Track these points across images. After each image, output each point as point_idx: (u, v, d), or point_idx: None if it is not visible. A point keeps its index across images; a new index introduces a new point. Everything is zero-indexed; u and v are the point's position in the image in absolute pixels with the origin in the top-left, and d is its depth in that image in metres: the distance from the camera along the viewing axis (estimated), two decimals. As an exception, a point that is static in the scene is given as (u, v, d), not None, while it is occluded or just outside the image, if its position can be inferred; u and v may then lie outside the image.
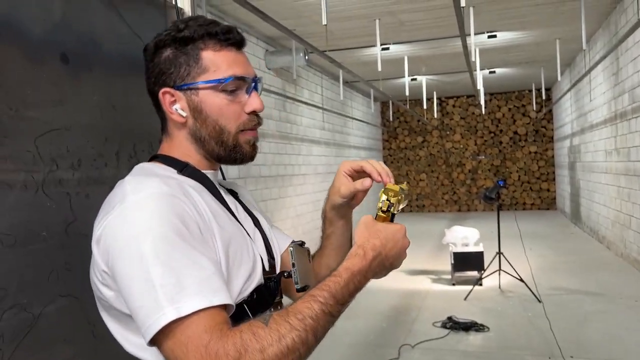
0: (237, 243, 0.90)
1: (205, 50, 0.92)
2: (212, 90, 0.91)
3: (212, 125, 0.92)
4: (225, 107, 0.92)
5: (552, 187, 13.14)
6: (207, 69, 0.91)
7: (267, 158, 6.98)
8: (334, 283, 0.81)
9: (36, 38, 1.10)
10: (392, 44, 7.47)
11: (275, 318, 0.75)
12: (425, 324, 4.38)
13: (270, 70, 7.17)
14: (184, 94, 0.92)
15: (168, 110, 0.94)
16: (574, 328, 4.13)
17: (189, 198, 0.85)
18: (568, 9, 6.23)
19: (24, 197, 1.05)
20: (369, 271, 0.85)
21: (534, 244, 7.72)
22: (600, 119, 7.70)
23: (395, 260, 0.90)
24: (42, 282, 1.08)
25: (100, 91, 1.26)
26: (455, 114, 13.77)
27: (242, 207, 1.04)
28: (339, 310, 0.81)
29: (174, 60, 0.92)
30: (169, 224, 0.78)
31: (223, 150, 0.94)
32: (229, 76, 0.91)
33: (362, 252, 0.86)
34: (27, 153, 1.06)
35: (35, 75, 1.10)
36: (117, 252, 0.78)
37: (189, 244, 0.78)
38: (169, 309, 0.72)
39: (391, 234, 0.89)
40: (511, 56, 8.78)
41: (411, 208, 14.01)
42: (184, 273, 0.75)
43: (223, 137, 0.93)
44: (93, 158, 1.22)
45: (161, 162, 0.96)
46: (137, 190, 0.82)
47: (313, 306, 0.77)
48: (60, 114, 1.14)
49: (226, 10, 5.59)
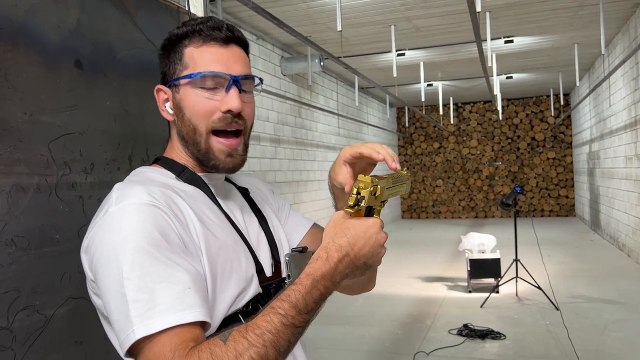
0: (227, 253, 0.87)
1: (188, 46, 0.91)
2: (190, 87, 0.89)
3: (187, 124, 0.90)
4: (199, 104, 0.89)
5: (571, 194, 12.96)
6: (187, 65, 0.90)
7: (282, 164, 7.00)
8: (295, 292, 0.76)
9: (51, 44, 1.12)
10: (408, 49, 7.46)
11: (234, 335, 0.73)
12: (440, 331, 4.33)
13: (286, 77, 7.21)
14: (171, 91, 0.92)
15: (160, 107, 0.94)
16: (592, 337, 4.05)
17: (172, 208, 0.82)
18: (586, 14, 6.16)
19: (38, 201, 1.06)
20: (335, 274, 0.79)
21: (552, 251, 7.62)
22: (620, 124, 7.58)
23: (369, 259, 0.82)
24: (54, 285, 1.09)
25: (114, 96, 1.28)
26: (472, 120, 13.68)
27: (251, 206, 1.01)
28: (304, 320, 0.76)
29: (166, 59, 0.93)
30: (146, 235, 0.76)
31: (198, 153, 0.91)
32: (202, 71, 0.88)
33: (325, 254, 0.79)
34: (40, 157, 1.07)
35: (50, 81, 1.12)
36: (99, 263, 0.78)
37: (167, 257, 0.76)
38: (139, 326, 0.72)
39: (362, 231, 0.81)
40: (529, 61, 8.71)
41: (427, 214, 13.94)
42: (157, 288, 0.74)
43: (196, 138, 0.90)
44: (106, 162, 1.23)
45: (162, 165, 0.95)
46: (120, 199, 0.80)
47: (272, 319, 0.74)
48: (74, 118, 1.16)
49: (242, 17, 5.64)
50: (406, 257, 7.78)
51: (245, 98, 0.92)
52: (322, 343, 1.25)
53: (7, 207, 1.01)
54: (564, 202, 13.06)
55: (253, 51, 6.26)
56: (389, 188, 0.89)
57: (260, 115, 6.45)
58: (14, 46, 1.04)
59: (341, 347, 4.06)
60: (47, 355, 1.06)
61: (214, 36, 0.90)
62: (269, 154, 6.66)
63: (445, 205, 13.87)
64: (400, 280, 6.22)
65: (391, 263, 6.29)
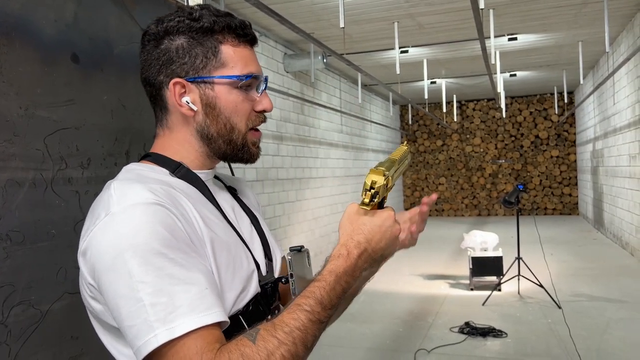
0: (230, 252, 0.86)
1: (224, 44, 0.88)
2: (229, 87, 0.88)
3: (223, 123, 0.89)
4: (240, 104, 0.89)
5: (575, 192, 12.92)
6: (225, 64, 0.88)
7: (285, 161, 7.00)
8: (319, 289, 0.77)
9: (48, 38, 1.12)
10: (411, 47, 7.44)
11: (262, 334, 0.72)
12: (442, 329, 4.33)
13: (289, 74, 7.19)
14: (196, 86, 0.88)
15: (177, 102, 0.88)
16: (594, 336, 4.04)
17: (176, 206, 0.80)
18: (590, 11, 6.13)
19: (33, 195, 1.06)
20: (356, 270, 0.81)
21: (555, 250, 7.60)
22: (624, 122, 7.54)
23: (385, 251, 0.85)
24: (50, 280, 1.09)
25: (111, 91, 1.27)
26: (476, 118, 13.64)
27: (241, 206, 1.00)
28: (328, 315, 0.78)
29: (189, 50, 0.87)
30: (156, 236, 0.73)
31: (231, 149, 0.91)
32: (248, 74, 0.89)
33: (346, 251, 0.81)
34: (36, 151, 1.07)
35: (46, 75, 1.11)
36: (104, 267, 0.74)
37: (179, 257, 0.74)
38: (161, 330, 0.70)
39: (377, 225, 0.83)
40: (532, 59, 8.67)
41: (430, 212, 13.87)
42: (175, 290, 0.72)
43: (233, 136, 0.90)
44: (103, 157, 1.23)
45: (154, 161, 0.91)
46: (122, 199, 0.77)
47: (300, 316, 0.74)
48: (71, 113, 1.15)
49: (244, 13, 5.63)
50: (408, 254, 7.73)
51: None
52: (323, 340, 1.24)
53: (2, 202, 1.00)
54: (567, 201, 13.02)
55: (256, 48, 6.24)
56: (396, 171, 0.92)
57: (262, 112, 6.44)
58: (10, 40, 1.04)
59: (343, 344, 4.06)
60: (43, 350, 1.06)
61: (247, 36, 0.91)
62: (272, 151, 6.66)
63: (448, 203, 13.84)
64: (403, 277, 6.22)
65: (393, 260, 6.23)
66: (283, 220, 6.78)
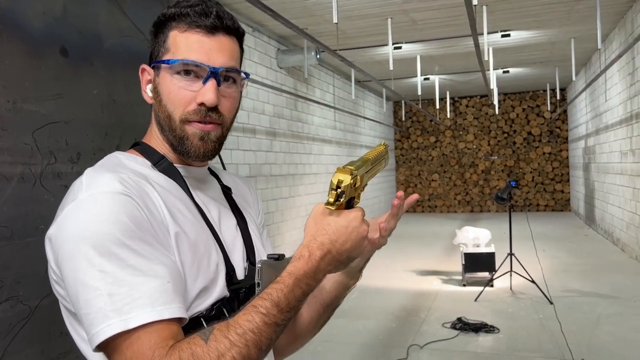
0: (197, 252, 0.83)
1: (173, 29, 0.86)
2: (168, 72, 0.85)
3: (164, 109, 0.87)
4: (175, 92, 0.85)
5: (567, 189, 12.99)
6: (169, 49, 0.86)
7: (278, 157, 6.99)
8: (277, 291, 0.75)
9: (36, 31, 1.10)
10: (405, 43, 7.43)
11: (215, 334, 0.71)
12: (434, 324, 4.34)
13: (282, 69, 7.17)
14: (154, 73, 0.88)
15: (142, 88, 0.90)
16: (585, 331, 4.07)
17: (143, 197, 0.79)
18: (583, 8, 6.15)
19: (22, 190, 1.05)
20: (318, 272, 0.78)
21: (547, 246, 7.64)
22: (615, 119, 7.59)
23: (352, 253, 0.82)
24: (39, 275, 1.07)
25: (101, 85, 1.26)
26: (469, 114, 13.67)
27: (231, 206, 0.97)
28: (285, 318, 0.76)
29: (154, 38, 0.89)
30: (119, 226, 0.73)
31: (174, 140, 0.87)
32: (180, 59, 0.84)
33: (307, 253, 0.78)
34: (24, 146, 1.06)
35: (35, 69, 1.10)
36: (66, 254, 0.73)
37: (142, 249, 0.73)
38: (115, 320, 0.69)
39: (343, 226, 0.80)
40: (525, 56, 8.69)
41: (423, 208, 13.95)
42: (135, 282, 0.71)
43: (172, 124, 0.86)
44: (93, 152, 1.22)
45: (139, 151, 0.90)
46: (89, 187, 0.76)
47: (254, 318, 0.73)
48: (60, 107, 1.14)
49: (238, 8, 5.60)
50: (401, 250, 7.79)
51: (226, 92, 0.88)
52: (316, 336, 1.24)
53: (-10, 197, 0.99)
54: (559, 197, 13.09)
55: (249, 43, 6.23)
56: (368, 172, 0.87)
57: (255, 108, 6.42)
58: (-2, 33, 1.03)
59: (335, 340, 4.06)
60: (31, 346, 1.05)
61: (200, 23, 0.85)
62: (265, 147, 6.64)
63: (441, 199, 13.88)
64: (395, 273, 6.23)
65: (386, 257, 6.28)
66: (276, 217, 6.78)
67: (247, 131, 6.20)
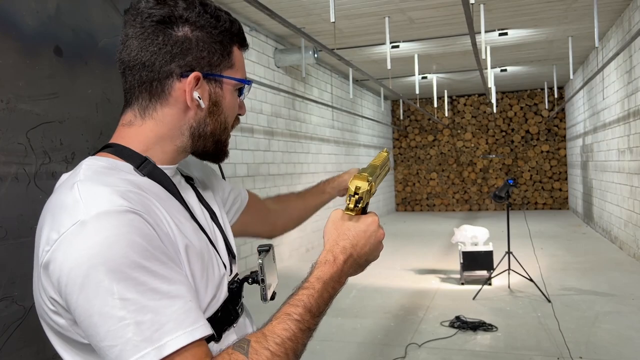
0: (204, 260, 0.82)
1: (234, 45, 0.88)
2: (232, 88, 0.88)
3: (220, 122, 0.88)
4: (235, 107, 0.91)
5: (565, 187, 13.01)
6: (233, 66, 0.88)
7: (276, 156, 6.98)
8: (308, 296, 0.77)
9: (29, 30, 1.10)
10: (402, 41, 7.43)
11: (254, 347, 0.70)
12: (433, 323, 4.34)
13: (280, 69, 7.17)
14: (207, 83, 0.85)
15: (189, 95, 0.82)
16: (583, 329, 4.07)
17: (150, 212, 0.74)
18: (580, 6, 6.15)
19: (16, 190, 1.04)
20: (342, 275, 0.82)
21: (545, 244, 7.65)
22: (613, 117, 7.59)
23: (370, 256, 0.87)
24: (33, 275, 1.07)
25: (96, 84, 1.25)
26: (467, 113, 13.68)
27: (199, 198, 0.94)
28: (316, 322, 0.77)
29: (210, 45, 0.84)
30: (134, 247, 0.68)
31: (215, 148, 0.89)
32: (247, 79, 0.91)
33: (332, 257, 0.82)
34: (18, 145, 1.05)
35: (28, 68, 1.09)
36: (75, 284, 0.67)
37: (160, 269, 0.70)
38: (149, 350, 0.66)
39: (362, 231, 0.85)
40: (523, 54, 8.70)
41: (421, 207, 13.96)
42: (159, 306, 0.68)
43: (223, 136, 0.89)
44: (87, 151, 1.21)
45: (116, 154, 0.82)
46: (91, 206, 0.70)
47: (290, 326, 0.73)
48: (54, 107, 1.14)
49: (235, 8, 5.59)
50: (400, 249, 7.79)
51: None
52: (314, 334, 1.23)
53: (-17, 197, 0.99)
54: (557, 195, 13.10)
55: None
56: (378, 177, 0.92)
57: (253, 108, 6.41)
58: (-10, 32, 1.02)
59: (334, 338, 4.06)
60: (26, 347, 1.05)
61: (246, 43, 0.91)
62: (263, 146, 6.64)
63: (439, 198, 13.89)
64: (394, 272, 6.23)
65: (385, 255, 6.26)
66: (274, 216, 6.77)
67: (245, 131, 6.19)
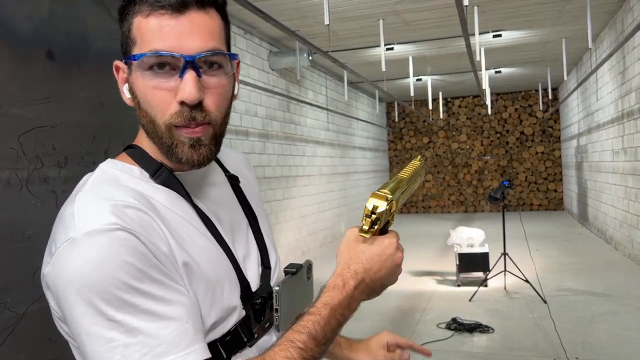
0: (210, 282, 0.75)
1: (137, 15, 0.70)
2: (139, 70, 0.71)
3: (145, 114, 0.73)
4: (151, 93, 0.71)
5: (560, 188, 13.05)
6: (135, 40, 0.71)
7: (271, 159, 6.97)
8: (313, 323, 0.71)
9: (22, 34, 1.09)
10: (397, 44, 7.45)
11: None
12: (429, 325, 4.34)
13: (274, 71, 7.17)
14: (128, 73, 0.74)
15: (120, 89, 0.76)
16: (580, 329, 4.08)
17: (145, 228, 0.68)
18: (574, 8, 6.18)
19: (8, 195, 1.03)
20: (352, 301, 0.75)
21: (540, 245, 7.66)
22: (607, 118, 7.63)
23: (386, 281, 0.79)
24: (26, 281, 1.06)
25: (89, 88, 1.24)
26: (462, 115, 13.71)
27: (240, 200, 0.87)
28: (321, 350, 0.72)
29: (120, 31, 0.74)
30: (124, 268, 0.64)
31: (162, 148, 0.74)
32: (146, 52, 0.69)
33: (342, 282, 0.75)
34: (10, 150, 1.04)
35: (21, 72, 1.08)
36: (67, 301, 0.65)
37: (153, 289, 0.65)
38: None
39: (377, 254, 0.77)
40: (517, 56, 8.73)
41: (417, 209, 13.97)
42: (151, 328, 0.64)
43: (157, 131, 0.73)
44: (80, 156, 1.20)
45: (135, 159, 0.77)
46: (82, 223, 0.65)
47: (293, 354, 0.69)
48: (46, 111, 1.13)
49: (229, 10, 5.54)
50: (396, 251, 7.77)
51: (210, 82, 0.72)
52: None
53: (-25, 202, 0.98)
54: (552, 196, 13.14)
55: (240, 45, 6.21)
56: (404, 192, 0.83)
57: (248, 110, 6.41)
58: (-18, 36, 1.01)
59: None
60: (19, 353, 1.04)
61: (164, 1, 0.68)
62: (258, 149, 6.63)
63: (435, 199, 13.91)
64: (390, 274, 6.22)
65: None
66: (270, 219, 6.74)
67: (240, 133, 6.19)
